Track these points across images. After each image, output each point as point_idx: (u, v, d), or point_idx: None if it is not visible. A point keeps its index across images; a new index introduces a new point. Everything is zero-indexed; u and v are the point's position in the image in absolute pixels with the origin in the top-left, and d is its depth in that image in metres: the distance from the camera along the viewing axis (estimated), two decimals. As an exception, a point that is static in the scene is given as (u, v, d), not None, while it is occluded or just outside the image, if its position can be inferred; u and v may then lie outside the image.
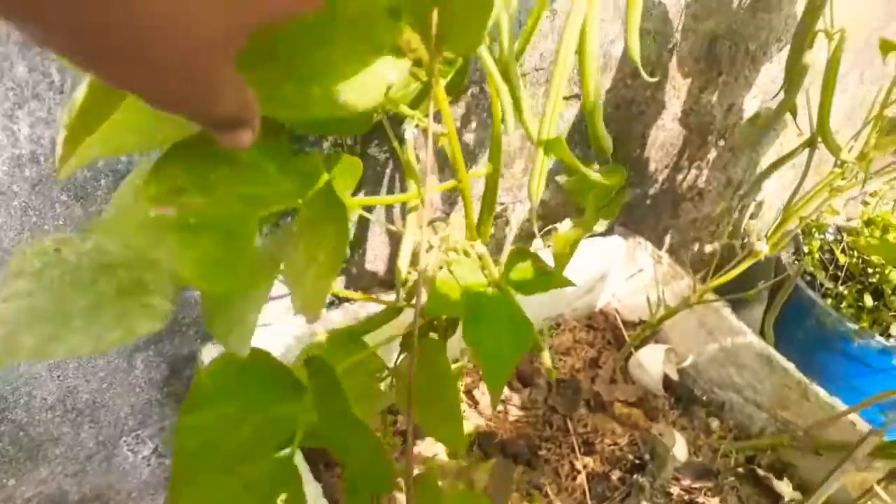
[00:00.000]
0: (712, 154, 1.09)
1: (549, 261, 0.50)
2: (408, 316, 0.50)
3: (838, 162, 0.69)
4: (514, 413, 0.83)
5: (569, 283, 0.49)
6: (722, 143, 1.08)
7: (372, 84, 0.29)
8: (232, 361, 0.35)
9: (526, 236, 0.95)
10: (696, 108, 0.98)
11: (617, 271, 1.00)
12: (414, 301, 0.49)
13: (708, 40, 0.89)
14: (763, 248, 0.71)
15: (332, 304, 0.77)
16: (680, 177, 1.07)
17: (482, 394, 0.82)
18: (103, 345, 0.29)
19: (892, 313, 1.12)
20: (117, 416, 0.72)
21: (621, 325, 0.98)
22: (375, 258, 0.78)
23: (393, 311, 0.50)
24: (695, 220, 1.20)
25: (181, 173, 0.27)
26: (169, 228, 0.27)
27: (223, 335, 0.31)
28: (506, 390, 0.84)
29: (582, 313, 1.02)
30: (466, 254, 0.48)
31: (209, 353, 0.69)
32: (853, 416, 0.78)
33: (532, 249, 0.48)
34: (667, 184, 1.06)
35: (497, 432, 0.80)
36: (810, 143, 0.74)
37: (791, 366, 0.83)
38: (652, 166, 1.01)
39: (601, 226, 0.49)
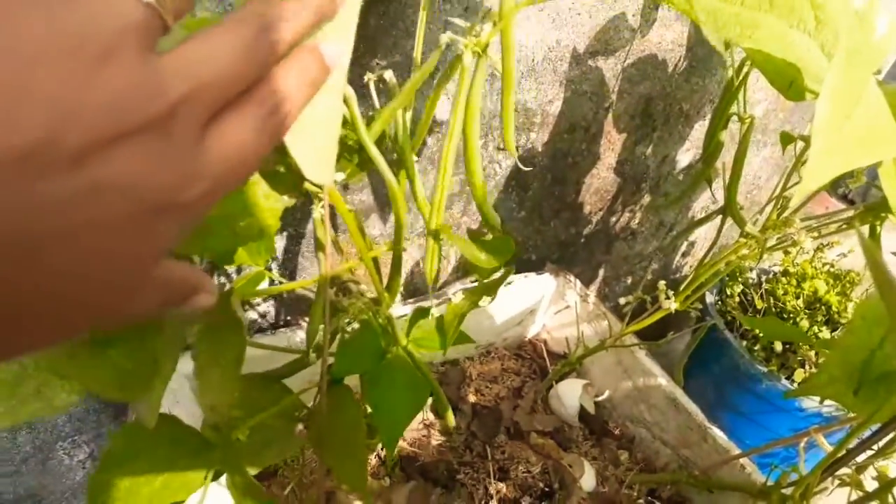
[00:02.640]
0: (645, 199, 1.16)
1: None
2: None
3: (744, 233, 0.75)
4: (438, 437, 0.89)
5: (468, 340, 0.54)
6: (656, 189, 1.15)
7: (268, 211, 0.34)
8: (141, 426, 0.39)
9: (462, 268, 1.00)
10: (631, 160, 1.04)
11: (546, 306, 1.06)
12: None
13: (644, 101, 0.96)
14: (671, 306, 0.78)
15: (271, 326, 0.81)
16: (613, 219, 1.14)
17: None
18: (20, 417, 0.33)
19: (799, 358, 1.21)
20: (54, 423, 0.76)
21: (546, 357, 1.05)
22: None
23: (301, 363, 0.55)
24: (627, 258, 1.27)
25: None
26: (80, 341, 0.31)
27: (133, 403, 0.35)
28: (431, 416, 0.90)
29: (512, 342, 1.08)
30: (374, 316, 0.53)
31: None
32: (743, 460, 0.85)
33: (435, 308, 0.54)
34: (601, 224, 1.13)
35: (419, 456, 0.85)
36: (723, 211, 0.81)
37: (694, 408, 0.91)
38: (586, 209, 1.07)
39: (485, 301, 0.54)
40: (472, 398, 0.95)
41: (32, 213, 0.18)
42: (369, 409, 0.57)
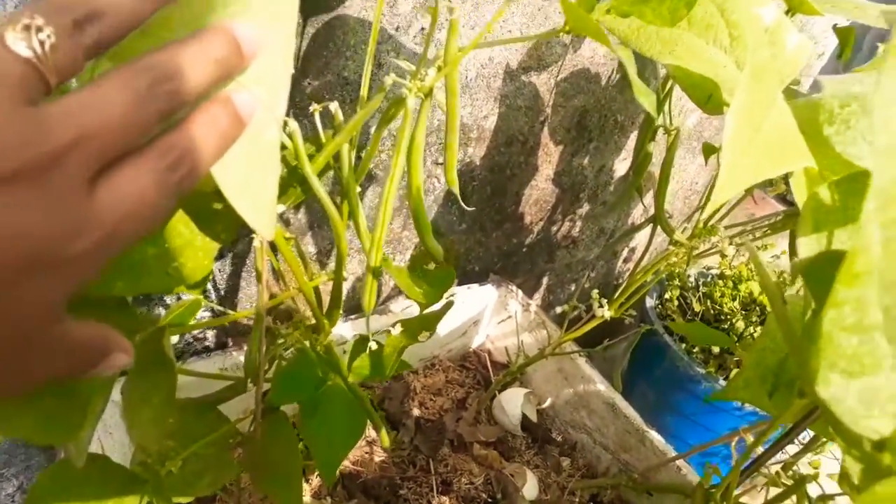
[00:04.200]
0: (585, 208, 1.18)
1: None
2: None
3: (672, 240, 0.78)
4: (381, 454, 0.89)
5: (408, 367, 0.55)
6: (595, 199, 1.18)
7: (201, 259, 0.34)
8: (69, 464, 0.39)
9: (405, 282, 1.00)
10: (569, 171, 1.06)
11: (490, 316, 1.07)
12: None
13: (578, 113, 0.98)
14: (605, 314, 0.80)
15: (205, 349, 0.80)
16: (554, 228, 1.16)
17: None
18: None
19: (736, 359, 1.25)
20: (-19, 457, 0.73)
21: (490, 367, 1.06)
22: (251, 307, 0.81)
23: (236, 389, 0.55)
24: (569, 265, 1.30)
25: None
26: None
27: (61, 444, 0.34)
28: (374, 433, 0.90)
29: (456, 354, 1.09)
30: (313, 345, 0.53)
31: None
32: (679, 462, 0.88)
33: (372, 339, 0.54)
34: (542, 234, 1.15)
35: (361, 473, 0.85)
36: (653, 220, 0.83)
37: (632, 413, 0.93)
38: (527, 219, 1.09)
39: (424, 336, 0.55)
40: (415, 412, 0.95)
41: None
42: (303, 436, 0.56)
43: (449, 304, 0.55)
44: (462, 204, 0.67)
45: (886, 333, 0.23)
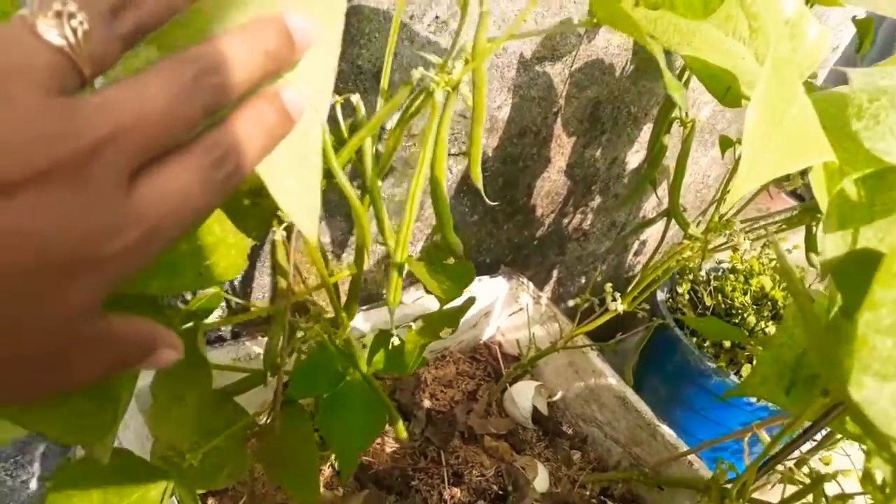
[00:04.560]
0: (597, 200, 1.17)
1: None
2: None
3: (687, 235, 0.77)
4: (392, 445, 0.89)
5: (422, 363, 0.54)
6: (606, 191, 1.17)
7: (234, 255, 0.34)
8: (92, 460, 0.38)
9: (416, 274, 1.00)
10: (581, 162, 1.06)
11: (500, 308, 1.07)
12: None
13: (592, 104, 0.97)
14: (618, 308, 0.79)
15: (218, 339, 0.80)
16: (566, 220, 1.15)
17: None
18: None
19: (747, 354, 1.24)
20: (-6, 444, 0.74)
21: (500, 360, 1.05)
22: (264, 297, 0.81)
23: (254, 381, 0.55)
24: (580, 258, 1.29)
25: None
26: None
27: (86, 445, 0.34)
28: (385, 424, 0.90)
29: (467, 346, 1.08)
30: (332, 339, 0.52)
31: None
32: (691, 457, 0.87)
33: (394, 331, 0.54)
34: (553, 226, 1.14)
35: (373, 464, 0.85)
36: (667, 214, 0.82)
37: (644, 407, 0.92)
38: (539, 211, 1.08)
39: (446, 333, 0.55)
40: (426, 403, 0.95)
41: None
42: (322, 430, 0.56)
43: (471, 301, 0.55)
44: (486, 199, 0.66)
45: (924, 335, 0.22)
